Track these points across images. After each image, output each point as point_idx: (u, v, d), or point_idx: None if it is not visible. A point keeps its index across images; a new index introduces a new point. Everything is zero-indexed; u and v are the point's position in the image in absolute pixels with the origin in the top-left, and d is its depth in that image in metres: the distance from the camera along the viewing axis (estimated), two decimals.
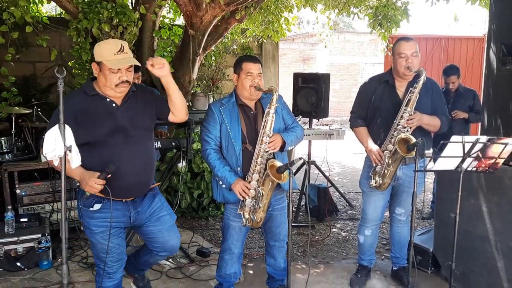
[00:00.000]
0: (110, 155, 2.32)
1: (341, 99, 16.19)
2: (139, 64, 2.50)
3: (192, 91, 5.71)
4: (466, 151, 2.53)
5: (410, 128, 2.95)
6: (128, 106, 2.42)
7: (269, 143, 2.65)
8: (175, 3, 5.11)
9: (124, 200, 2.46)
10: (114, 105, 2.38)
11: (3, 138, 4.33)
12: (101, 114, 2.33)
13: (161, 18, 5.58)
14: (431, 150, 3.30)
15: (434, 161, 2.63)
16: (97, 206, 2.39)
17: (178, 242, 2.71)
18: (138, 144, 2.44)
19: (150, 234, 2.62)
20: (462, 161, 2.58)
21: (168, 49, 6.09)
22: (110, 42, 2.39)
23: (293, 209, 5.05)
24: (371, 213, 3.31)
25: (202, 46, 4.96)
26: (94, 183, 2.23)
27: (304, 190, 5.09)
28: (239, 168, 2.73)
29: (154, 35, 4.85)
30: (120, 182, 2.35)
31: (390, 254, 3.55)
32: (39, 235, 3.62)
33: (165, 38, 5.97)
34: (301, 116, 5.27)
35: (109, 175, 2.25)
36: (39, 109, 4.50)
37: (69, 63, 5.15)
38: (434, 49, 9.27)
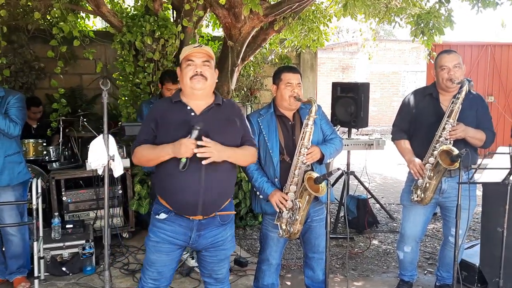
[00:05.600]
0: (177, 164, 2.16)
1: (382, 108, 15.90)
2: (209, 51, 2.32)
3: None
4: None
5: (452, 139, 2.85)
6: (207, 117, 2.26)
7: (307, 154, 2.63)
8: (215, 16, 5.21)
9: (191, 217, 2.28)
10: (192, 114, 2.27)
11: (51, 147, 4.53)
12: (177, 121, 2.25)
13: (199, 30, 5.70)
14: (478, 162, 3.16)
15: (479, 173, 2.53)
16: (163, 215, 2.30)
17: (225, 273, 2.50)
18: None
19: (203, 259, 2.44)
20: (510, 173, 2.47)
21: None
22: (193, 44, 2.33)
23: (332, 220, 5.01)
24: (410, 229, 3.19)
25: (240, 56, 5.02)
26: (189, 143, 2.11)
27: (343, 201, 5.01)
28: (276, 179, 2.73)
29: (190, 43, 4.95)
30: (185, 196, 2.21)
31: (436, 272, 3.42)
32: (83, 241, 3.74)
33: None
34: (339, 126, 5.21)
35: (199, 129, 2.13)
36: (84, 119, 4.68)
37: (113, 74, 5.35)
38: (480, 57, 8.96)
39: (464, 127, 2.86)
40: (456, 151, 2.70)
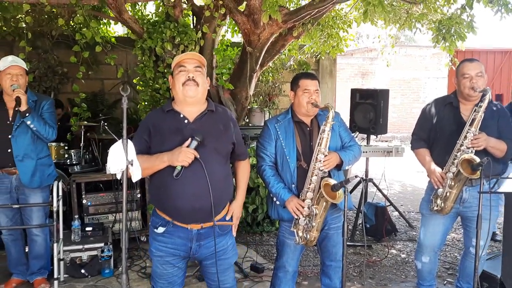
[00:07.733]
0: (172, 172, 2.21)
1: (402, 114, 15.69)
2: (200, 58, 2.35)
3: (249, 107, 5.79)
4: None
5: (474, 148, 2.80)
6: (200, 124, 2.30)
7: (323, 161, 2.62)
8: (234, 22, 5.24)
9: (189, 227, 2.29)
10: (186, 121, 2.30)
11: (72, 151, 4.61)
12: (171, 129, 2.28)
13: (220, 37, 5.74)
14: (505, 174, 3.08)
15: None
16: (160, 229, 2.31)
17: (232, 282, 2.53)
18: (205, 165, 2.22)
19: (207, 271, 2.47)
20: None
21: (226, 66, 6.25)
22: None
23: (349, 227, 4.96)
24: (428, 239, 3.14)
25: (259, 62, 5.03)
26: (189, 152, 2.17)
27: (361, 208, 4.96)
28: (293, 185, 2.72)
29: (214, 53, 5.01)
30: (181, 202, 2.23)
31: (456, 283, 3.36)
32: (102, 244, 3.80)
33: (220, 60, 6.15)
34: (358, 132, 5.17)
35: (199, 141, 2.20)
36: (105, 123, 4.75)
37: (134, 80, 5.42)
38: (503, 63, 8.80)
39: (486, 136, 2.81)
40: (477, 160, 2.65)
